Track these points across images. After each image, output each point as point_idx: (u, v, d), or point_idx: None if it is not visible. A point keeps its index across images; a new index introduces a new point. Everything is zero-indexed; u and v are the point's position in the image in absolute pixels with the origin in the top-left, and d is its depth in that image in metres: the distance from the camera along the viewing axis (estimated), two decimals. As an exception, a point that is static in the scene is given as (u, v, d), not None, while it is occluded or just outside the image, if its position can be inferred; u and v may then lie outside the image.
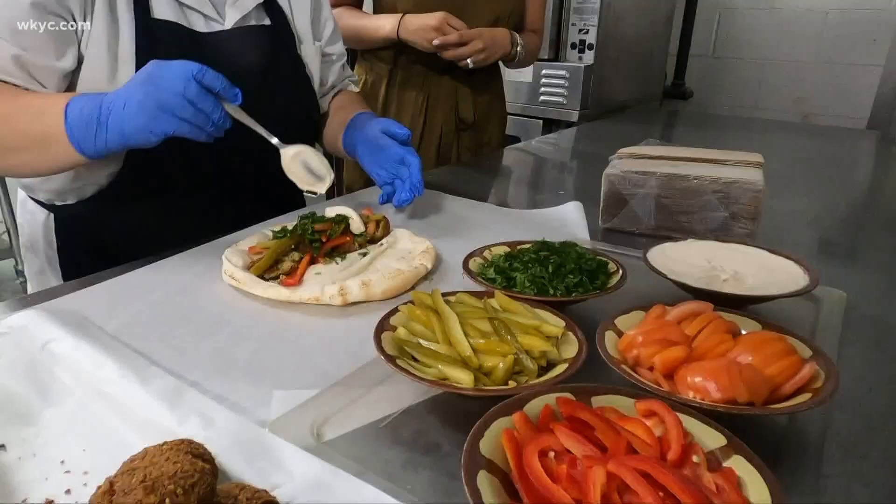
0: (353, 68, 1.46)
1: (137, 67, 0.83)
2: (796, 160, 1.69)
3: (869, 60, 2.62)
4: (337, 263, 0.83)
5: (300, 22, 1.05)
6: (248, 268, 0.78)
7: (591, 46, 2.20)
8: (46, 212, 0.96)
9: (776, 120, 2.72)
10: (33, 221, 0.98)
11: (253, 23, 0.97)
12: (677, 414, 0.45)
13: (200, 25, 0.91)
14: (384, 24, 1.46)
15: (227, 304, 0.73)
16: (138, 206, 0.94)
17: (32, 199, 0.97)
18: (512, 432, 0.43)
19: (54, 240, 0.96)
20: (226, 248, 0.82)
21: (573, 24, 2.22)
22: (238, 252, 0.82)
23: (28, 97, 0.77)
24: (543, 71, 2.30)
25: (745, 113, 3.01)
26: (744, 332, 0.59)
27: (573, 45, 2.24)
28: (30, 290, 1.03)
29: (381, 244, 0.89)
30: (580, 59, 2.24)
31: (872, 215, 1.27)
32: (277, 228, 0.87)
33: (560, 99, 2.29)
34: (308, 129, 1.10)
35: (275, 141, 0.86)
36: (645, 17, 2.54)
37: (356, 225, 0.90)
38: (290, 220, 0.92)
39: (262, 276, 0.77)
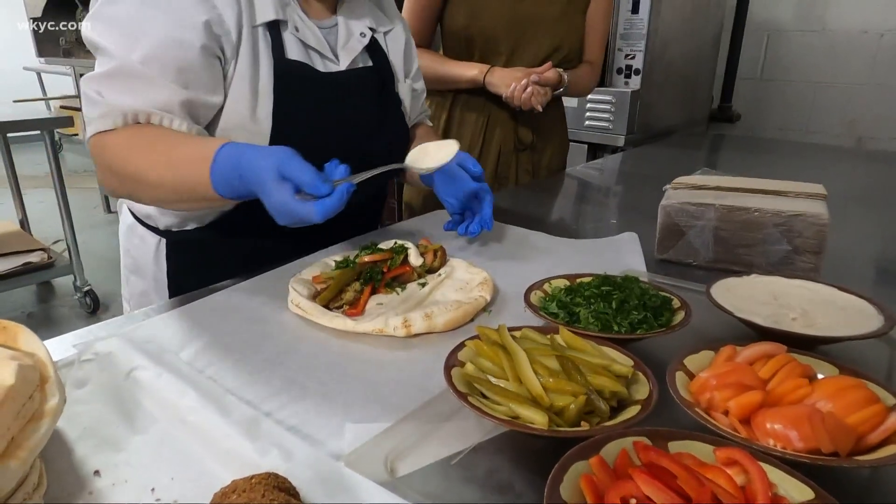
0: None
1: (275, 101, 0.89)
2: (852, 186, 1.64)
3: (927, 83, 2.55)
4: (397, 294, 0.84)
5: (396, 61, 1.11)
6: (313, 297, 0.81)
7: (637, 71, 2.20)
8: (158, 237, 1.01)
9: (828, 144, 2.65)
10: (142, 246, 1.03)
11: (361, 64, 1.03)
12: (760, 463, 0.44)
13: (320, 66, 0.97)
14: (468, 72, 1.54)
15: (293, 334, 0.75)
16: (252, 230, 0.97)
17: (145, 225, 1.03)
18: (591, 477, 0.43)
19: (164, 264, 1.01)
20: (289, 277, 0.85)
21: (619, 50, 2.23)
22: (302, 281, 0.84)
23: (178, 151, 0.80)
24: (589, 96, 2.30)
25: (794, 136, 2.95)
26: (820, 376, 0.57)
27: (619, 71, 2.24)
28: (126, 311, 1.08)
29: (439, 274, 0.90)
30: (626, 84, 2.24)
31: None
32: (339, 258, 0.90)
33: (606, 124, 2.29)
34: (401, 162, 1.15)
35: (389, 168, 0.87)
36: (692, 40, 2.52)
37: (414, 255, 0.92)
38: (349, 249, 0.94)
39: (326, 306, 0.79)
